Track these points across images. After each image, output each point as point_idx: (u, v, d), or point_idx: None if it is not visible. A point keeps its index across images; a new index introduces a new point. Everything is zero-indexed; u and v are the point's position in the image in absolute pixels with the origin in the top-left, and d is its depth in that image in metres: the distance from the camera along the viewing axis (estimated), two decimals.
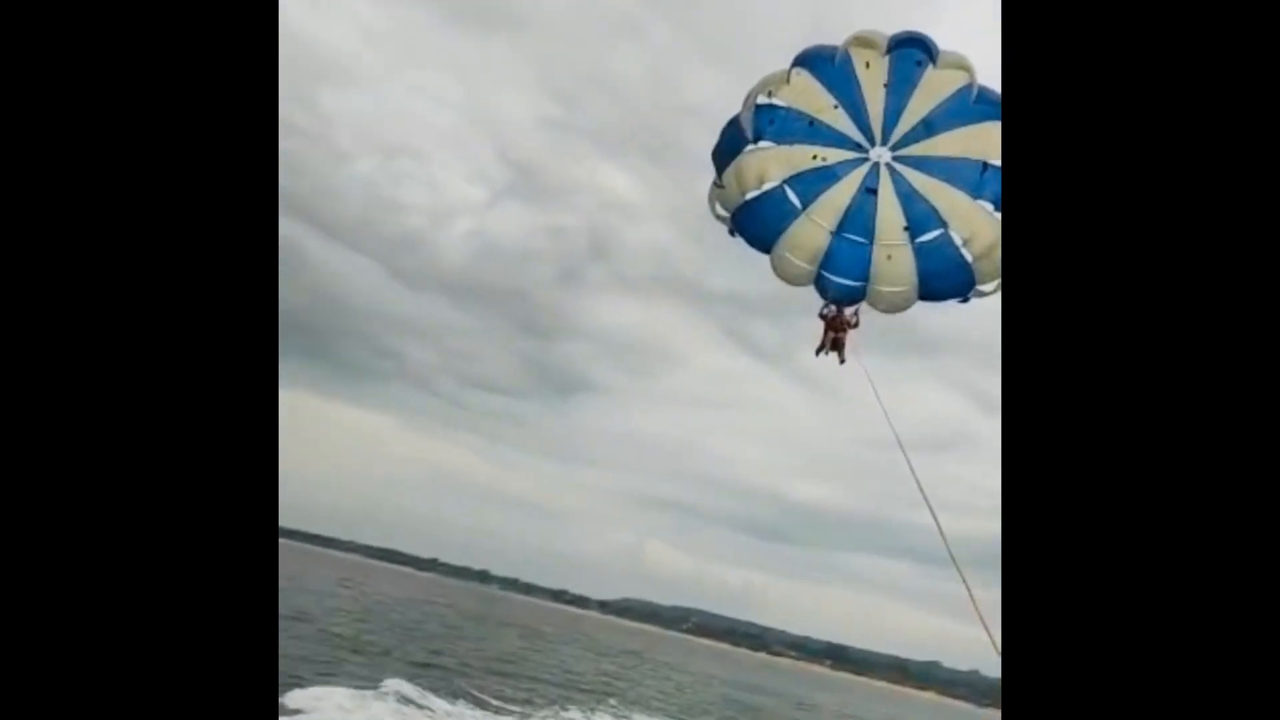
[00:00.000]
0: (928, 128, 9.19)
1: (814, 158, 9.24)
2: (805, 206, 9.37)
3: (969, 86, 9.06)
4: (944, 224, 9.35)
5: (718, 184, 9.45)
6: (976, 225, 9.31)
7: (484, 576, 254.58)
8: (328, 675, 22.44)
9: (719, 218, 9.56)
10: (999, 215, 9.29)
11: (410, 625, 44.43)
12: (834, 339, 10.01)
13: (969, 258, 9.41)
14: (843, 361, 10.04)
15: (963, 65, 9.08)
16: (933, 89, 9.09)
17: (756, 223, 9.43)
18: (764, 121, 9.14)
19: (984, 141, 9.17)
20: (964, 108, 9.11)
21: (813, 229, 9.41)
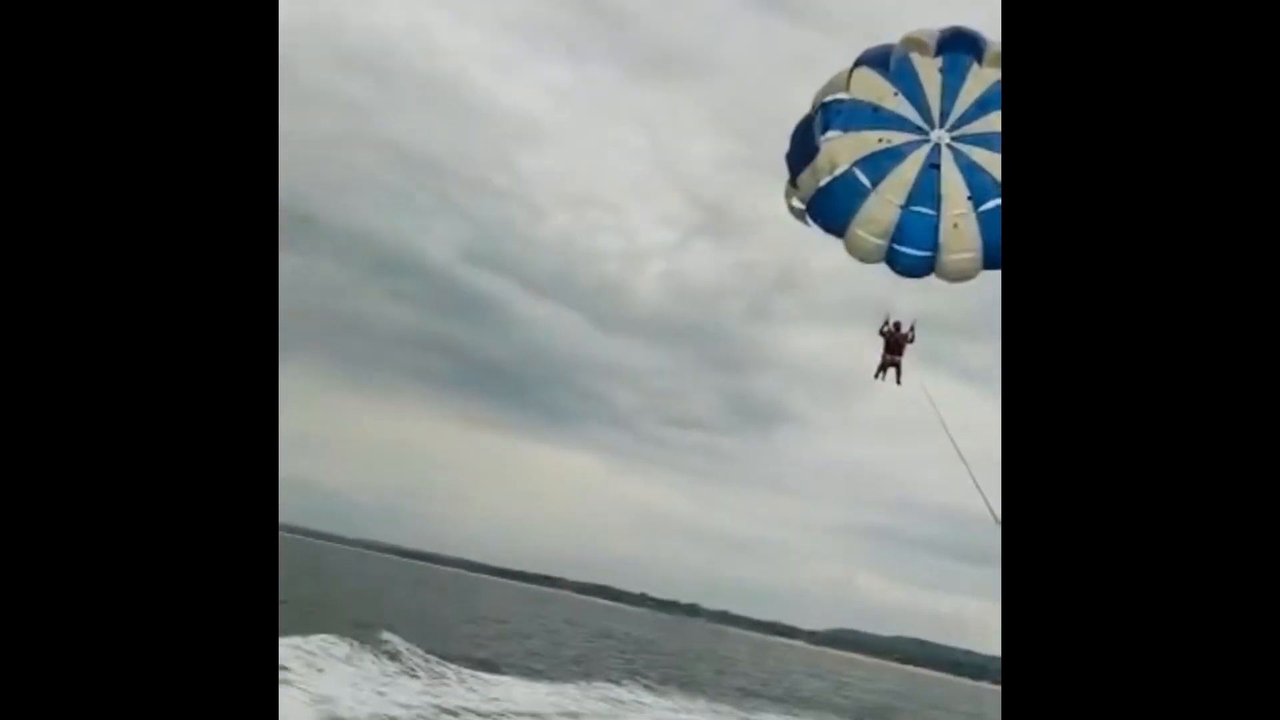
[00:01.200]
0: (981, 107, 10.33)
1: (879, 140, 10.56)
2: (875, 185, 10.67)
3: None
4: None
5: (793, 183, 10.89)
6: None
7: (693, 610, 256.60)
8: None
9: (793, 210, 10.99)
10: None
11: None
12: (890, 360, 11.23)
13: None
14: (899, 383, 11.27)
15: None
16: (983, 75, 10.24)
17: (830, 206, 10.78)
18: (831, 115, 10.54)
19: None
20: None
21: (883, 205, 10.69)
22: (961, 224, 10.62)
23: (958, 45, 10.20)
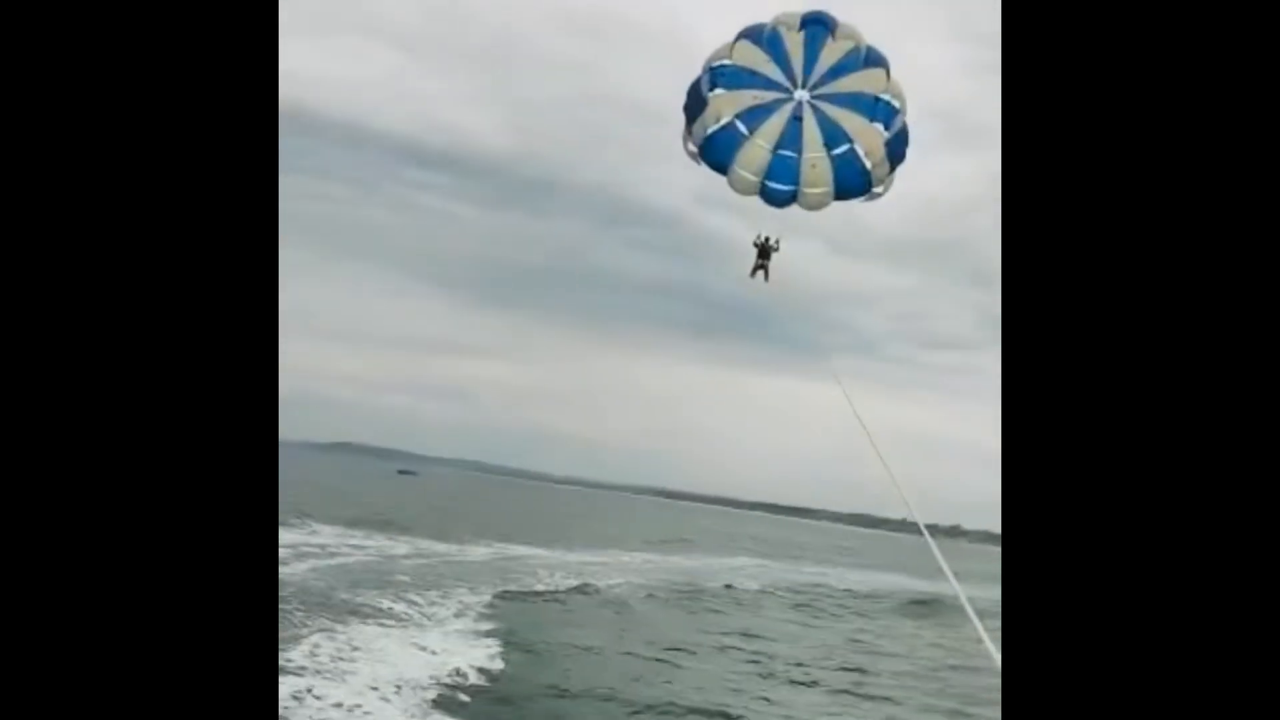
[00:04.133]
0: (833, 73, 13.23)
1: (754, 98, 13.43)
2: (750, 133, 13.54)
3: (858, 47, 13.10)
4: (850, 140, 13.31)
5: (687, 131, 13.73)
6: (871, 142, 13.23)
7: (954, 531, 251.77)
8: None
9: (688, 152, 13.83)
10: (887, 133, 13.18)
11: None
12: (761, 265, 14.24)
13: (868, 166, 13.33)
14: (767, 279, 14.21)
15: (853, 34, 13.16)
16: (836, 47, 13.17)
17: (717, 149, 13.66)
18: (717, 76, 13.44)
19: (873, 83, 13.15)
20: (857, 60, 13.13)
21: (757, 149, 13.56)
22: (818, 164, 13.47)
23: (816, 22, 13.14)
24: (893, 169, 13.57)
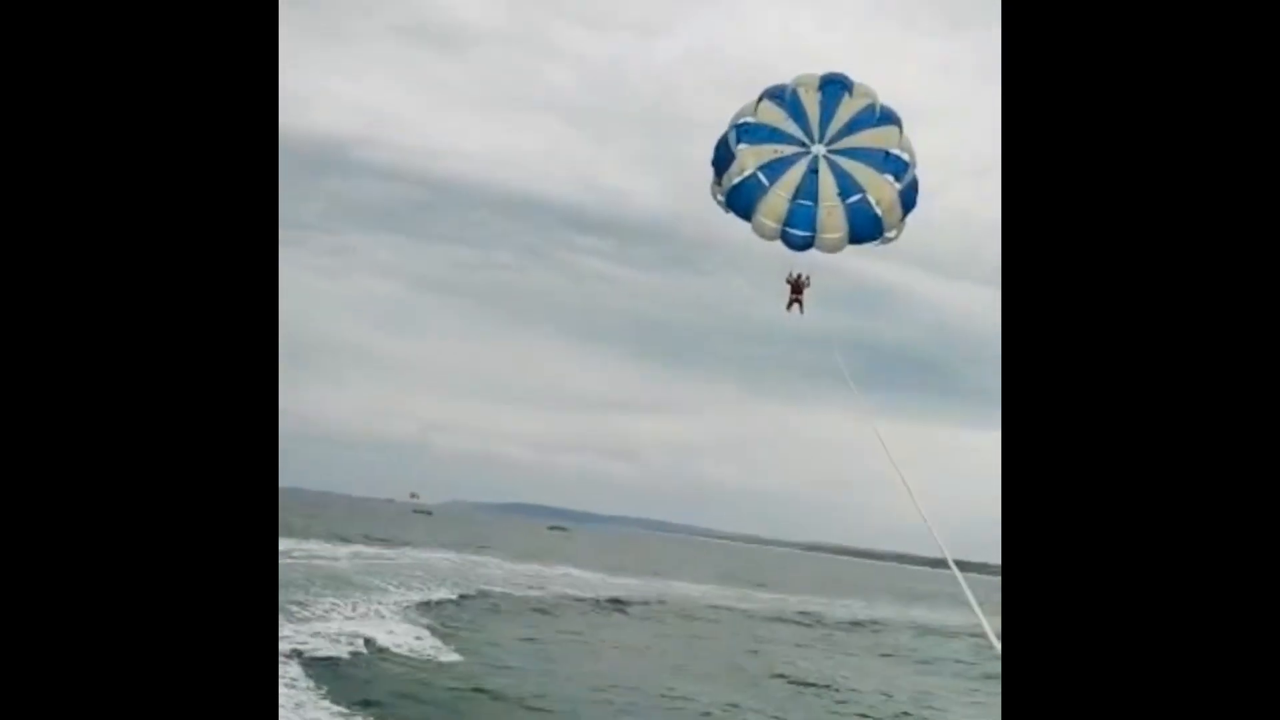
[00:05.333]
0: (848, 129, 14.40)
1: (775, 152, 14.69)
2: (771, 184, 14.79)
3: (873, 105, 14.26)
4: (862, 190, 14.43)
5: (716, 182, 15.07)
6: (882, 192, 14.32)
7: None
8: None
9: (717, 202, 15.16)
10: (899, 184, 14.27)
11: None
12: (796, 299, 15.42)
13: (879, 213, 14.42)
14: (801, 312, 15.35)
15: (869, 93, 14.33)
16: (850, 106, 14.35)
17: (741, 198, 14.93)
18: (742, 132, 14.75)
19: (886, 139, 14.28)
20: (871, 117, 14.28)
21: (777, 199, 14.78)
22: (833, 212, 14.62)
23: (834, 82, 14.36)
24: (904, 215, 14.64)
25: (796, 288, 15.80)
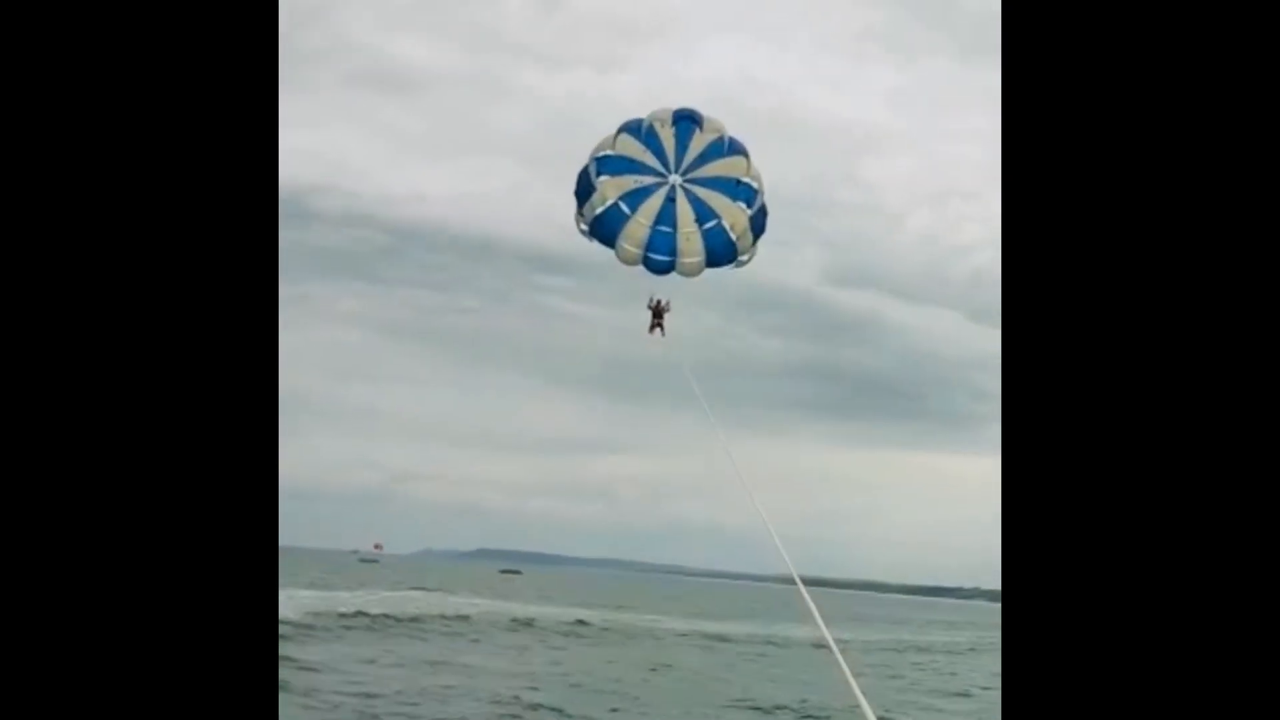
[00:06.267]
0: (701, 159, 15.40)
1: (634, 182, 15.59)
2: (633, 212, 15.66)
3: (722, 137, 15.34)
4: (717, 216, 15.42)
5: (579, 213, 15.89)
6: (735, 218, 15.33)
7: None
8: None
9: (581, 231, 15.98)
10: (749, 210, 15.35)
11: None
12: (657, 323, 16.36)
13: (734, 238, 15.47)
14: (663, 335, 16.28)
15: (718, 127, 15.41)
16: (702, 139, 15.37)
17: (604, 227, 15.75)
18: (602, 164, 15.60)
19: (735, 168, 15.34)
20: (721, 148, 15.34)
21: (638, 226, 15.63)
22: (691, 238, 15.56)
23: (686, 118, 15.36)
24: (755, 240, 15.71)
25: (658, 312, 16.78)
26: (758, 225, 15.50)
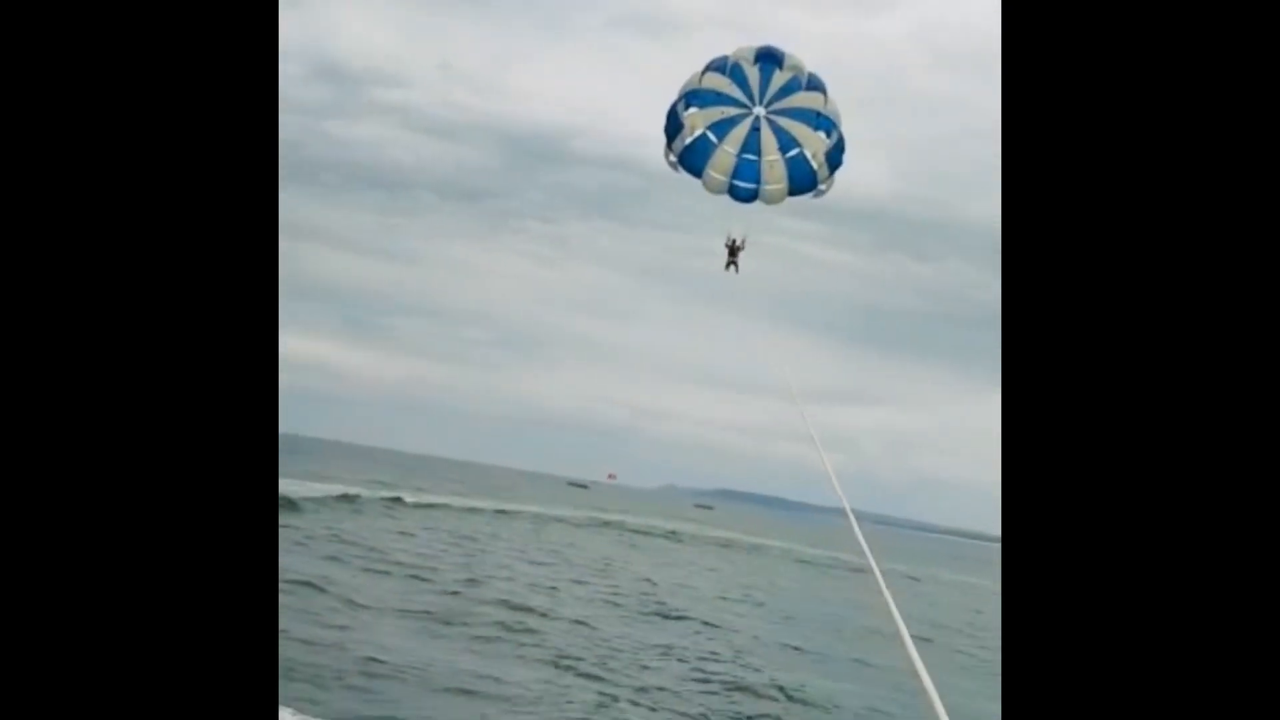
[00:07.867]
0: (783, 92, 16.52)
1: (721, 113, 16.72)
2: (720, 141, 16.78)
3: (801, 73, 16.53)
4: (799, 145, 16.48)
5: (668, 147, 17.08)
6: (815, 146, 16.40)
7: None
8: None
9: (670, 163, 17.14)
10: (829, 141, 16.50)
11: None
12: (732, 261, 17.52)
13: (815, 167, 16.60)
14: (738, 272, 17.42)
15: (797, 64, 16.57)
16: (783, 76, 16.51)
17: (693, 157, 16.78)
18: (690, 98, 16.74)
19: (815, 101, 16.46)
20: (799, 83, 16.50)
21: (725, 154, 16.66)
22: (774, 165, 16.59)
23: (768, 56, 16.56)
24: (832, 172, 16.83)
25: (733, 250, 17.90)
26: (834, 157, 16.57)
